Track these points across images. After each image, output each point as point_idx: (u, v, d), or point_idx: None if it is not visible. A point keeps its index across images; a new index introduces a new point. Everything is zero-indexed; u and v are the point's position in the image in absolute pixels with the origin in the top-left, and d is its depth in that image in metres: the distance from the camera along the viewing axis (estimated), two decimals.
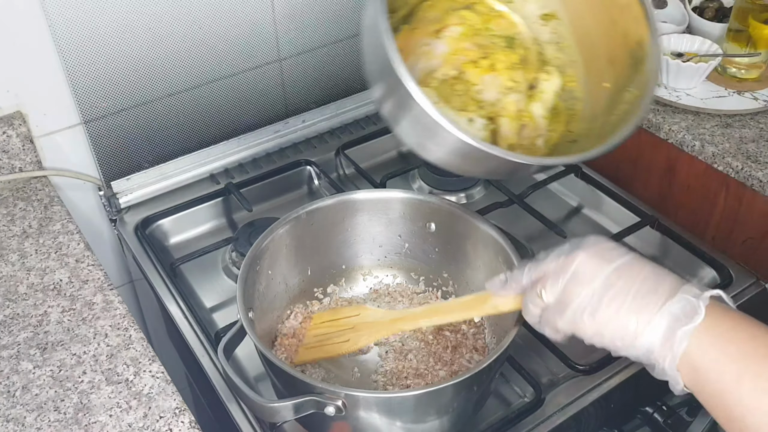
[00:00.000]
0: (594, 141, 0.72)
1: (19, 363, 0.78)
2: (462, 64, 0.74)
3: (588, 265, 0.61)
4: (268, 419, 0.75)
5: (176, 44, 1.08)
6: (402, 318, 0.79)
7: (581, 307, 0.60)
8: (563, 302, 0.61)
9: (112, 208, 1.09)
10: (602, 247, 0.62)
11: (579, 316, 0.60)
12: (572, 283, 0.61)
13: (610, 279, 0.59)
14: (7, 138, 1.01)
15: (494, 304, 0.70)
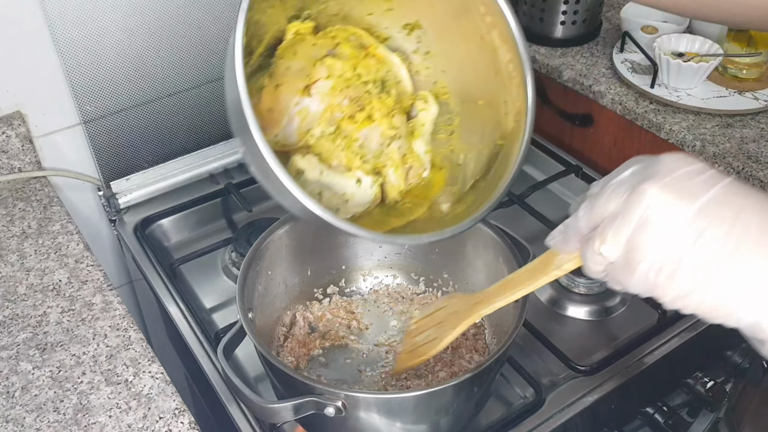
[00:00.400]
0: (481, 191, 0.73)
1: (18, 364, 0.78)
2: (338, 121, 0.70)
3: (661, 205, 0.45)
4: (267, 420, 0.75)
5: (176, 44, 1.07)
6: (480, 302, 0.71)
7: (656, 266, 0.45)
8: (632, 258, 0.46)
9: (112, 209, 1.09)
10: (681, 175, 0.46)
11: (653, 277, 0.46)
12: (640, 233, 0.46)
13: (695, 225, 0.44)
14: (7, 138, 1.01)
15: (558, 264, 0.59)
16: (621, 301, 0.96)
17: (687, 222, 0.44)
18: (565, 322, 0.94)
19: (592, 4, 1.27)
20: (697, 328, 0.90)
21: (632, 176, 0.47)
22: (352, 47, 0.71)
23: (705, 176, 0.45)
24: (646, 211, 0.45)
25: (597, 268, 0.50)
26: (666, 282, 0.45)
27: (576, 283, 0.96)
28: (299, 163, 0.68)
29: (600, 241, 0.48)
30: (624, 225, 0.46)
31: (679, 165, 0.46)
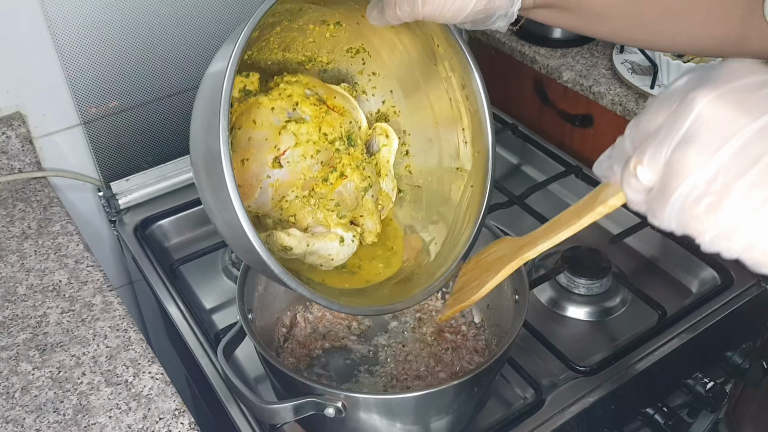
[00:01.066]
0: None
1: (18, 364, 0.78)
2: (312, 185, 0.69)
3: (712, 119, 0.37)
4: (267, 421, 0.75)
5: (176, 45, 1.07)
6: (524, 245, 0.67)
7: (696, 192, 0.37)
8: (668, 183, 0.38)
9: (112, 209, 1.09)
10: (742, 86, 0.37)
11: (692, 206, 0.37)
12: (681, 151, 0.37)
13: (752, 147, 0.36)
14: (7, 139, 1.01)
15: (604, 198, 0.51)
16: (621, 302, 0.96)
17: (743, 142, 0.36)
18: (565, 323, 0.94)
19: None
20: (697, 329, 0.90)
21: (686, 84, 0.39)
22: (311, 104, 0.69)
23: None
24: (693, 125, 0.37)
25: (635, 196, 0.42)
26: (706, 214, 0.37)
27: (576, 283, 0.96)
28: (285, 240, 0.67)
29: (636, 160, 0.40)
30: (666, 141, 0.38)
31: (743, 73, 0.38)
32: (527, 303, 0.74)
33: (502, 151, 1.25)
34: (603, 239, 1.05)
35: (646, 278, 1.00)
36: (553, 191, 1.15)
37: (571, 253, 0.98)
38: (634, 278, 0.98)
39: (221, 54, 0.60)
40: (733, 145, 0.36)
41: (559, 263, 0.97)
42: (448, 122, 0.75)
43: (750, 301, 0.93)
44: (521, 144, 1.22)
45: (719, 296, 0.93)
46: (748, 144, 0.36)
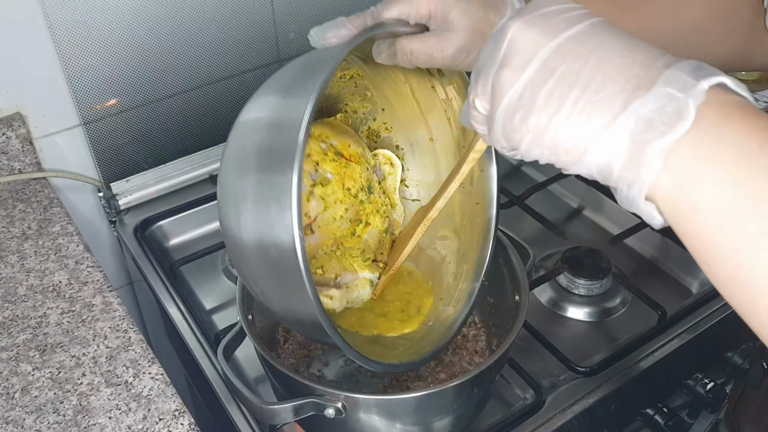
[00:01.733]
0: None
1: (18, 365, 0.78)
2: (342, 242, 0.70)
3: (520, 42, 0.42)
4: (267, 421, 0.75)
5: (176, 45, 1.07)
6: (426, 209, 0.70)
7: (512, 107, 0.42)
8: (494, 105, 0.44)
9: (112, 210, 1.09)
10: (546, 12, 0.43)
11: (509, 119, 0.43)
12: (499, 74, 0.43)
13: (550, 62, 0.41)
14: (7, 139, 1.01)
15: (472, 147, 0.57)
16: (621, 302, 0.96)
17: (544, 59, 0.41)
18: (565, 323, 0.94)
19: None
20: (697, 330, 0.90)
21: (507, 22, 0.44)
22: (331, 161, 0.68)
23: (572, 14, 0.42)
24: (507, 50, 0.42)
25: (481, 128, 0.46)
26: (519, 125, 0.42)
27: (576, 284, 0.96)
28: (329, 305, 0.67)
29: (474, 94, 0.45)
30: (489, 68, 0.43)
31: (547, 3, 0.43)
32: (527, 303, 0.74)
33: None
34: (603, 240, 1.05)
35: (646, 279, 1.00)
36: (553, 191, 1.15)
37: (571, 253, 0.98)
38: (634, 279, 0.98)
39: (268, 104, 0.55)
40: (537, 62, 0.41)
41: (559, 264, 0.97)
42: (443, 138, 0.75)
43: None
44: None
45: (719, 296, 0.92)
46: (547, 60, 0.41)
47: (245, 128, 0.57)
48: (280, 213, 0.50)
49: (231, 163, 0.57)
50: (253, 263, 0.56)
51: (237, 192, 0.55)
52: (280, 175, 0.50)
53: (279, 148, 0.51)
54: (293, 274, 0.51)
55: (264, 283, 0.57)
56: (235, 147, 0.57)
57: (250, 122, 0.57)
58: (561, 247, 1.01)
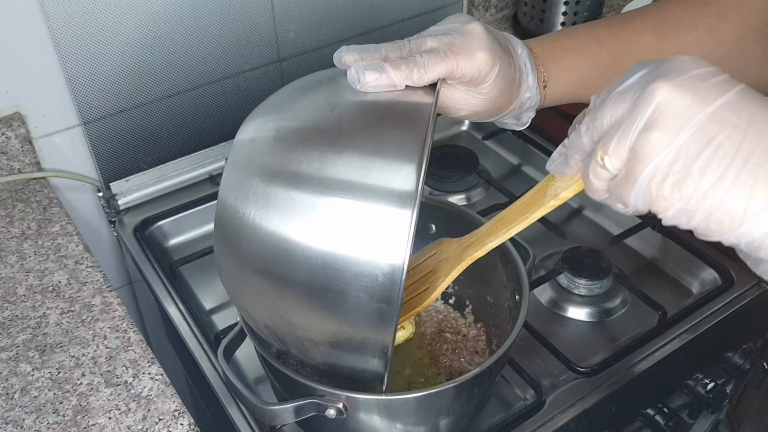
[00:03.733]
0: None
1: (17, 365, 0.78)
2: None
3: (672, 107, 0.41)
4: (268, 422, 0.74)
5: (176, 45, 1.07)
6: (470, 244, 0.67)
7: (661, 173, 0.41)
8: (633, 168, 0.42)
9: (111, 210, 1.09)
10: (694, 76, 0.42)
11: (657, 186, 0.42)
12: (645, 137, 0.41)
13: (706, 130, 0.40)
14: (6, 139, 1.01)
15: (555, 192, 0.54)
16: (621, 303, 0.96)
17: (699, 126, 0.40)
18: (565, 324, 0.94)
19: (592, 4, 1.27)
20: (697, 330, 0.89)
21: (641, 79, 0.43)
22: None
23: (719, 79, 0.42)
24: (655, 113, 0.41)
25: (599, 184, 0.46)
26: (671, 192, 0.41)
27: (576, 284, 0.96)
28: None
29: (602, 151, 0.44)
30: (629, 129, 0.42)
31: (693, 66, 0.42)
32: (527, 303, 0.74)
33: (502, 151, 1.25)
34: (603, 240, 1.05)
35: (647, 279, 1.00)
36: None
37: (571, 253, 0.98)
38: (634, 279, 0.98)
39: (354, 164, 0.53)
40: (692, 128, 0.40)
41: (559, 264, 0.97)
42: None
43: (751, 301, 0.93)
44: (521, 144, 1.22)
45: (720, 297, 0.93)
46: (703, 127, 0.40)
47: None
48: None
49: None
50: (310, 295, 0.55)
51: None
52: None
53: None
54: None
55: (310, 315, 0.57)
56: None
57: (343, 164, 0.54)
58: (561, 247, 1.01)
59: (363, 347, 0.57)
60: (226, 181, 0.58)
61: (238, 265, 0.58)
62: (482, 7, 1.37)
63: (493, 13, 1.40)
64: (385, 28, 1.27)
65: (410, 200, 0.51)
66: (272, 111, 0.61)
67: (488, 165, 1.20)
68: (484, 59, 0.59)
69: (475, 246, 0.66)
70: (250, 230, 0.55)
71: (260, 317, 0.60)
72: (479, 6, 1.37)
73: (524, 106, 0.68)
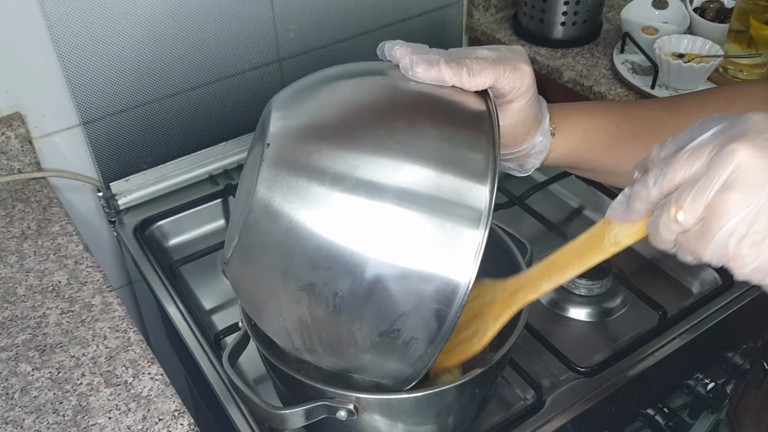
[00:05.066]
0: None
1: (17, 365, 0.78)
2: None
3: (752, 167, 0.42)
4: (278, 427, 0.73)
5: (176, 45, 1.07)
6: (522, 287, 0.67)
7: (739, 232, 0.43)
8: (710, 225, 0.43)
9: (111, 210, 1.09)
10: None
11: (735, 245, 0.43)
12: (724, 197, 0.42)
13: None
14: (6, 139, 1.01)
15: (615, 239, 0.54)
16: (621, 303, 0.96)
17: None
18: (565, 324, 0.94)
19: (592, 4, 1.27)
20: (697, 330, 0.89)
21: (715, 136, 0.44)
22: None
23: None
24: (734, 173, 0.42)
25: (670, 237, 0.46)
26: (750, 251, 0.43)
27: (576, 284, 0.96)
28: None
29: (677, 207, 0.44)
30: (705, 188, 0.43)
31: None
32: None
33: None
34: None
35: (647, 279, 1.00)
36: (554, 191, 1.15)
37: None
38: (634, 279, 0.98)
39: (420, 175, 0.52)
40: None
41: None
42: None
43: (751, 301, 0.93)
44: None
45: (720, 297, 0.93)
46: None
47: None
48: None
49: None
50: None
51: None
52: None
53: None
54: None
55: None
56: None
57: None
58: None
59: (406, 349, 0.56)
60: (269, 176, 0.54)
61: (271, 269, 0.55)
62: (482, 7, 1.37)
63: (493, 13, 1.40)
64: (385, 28, 1.27)
65: (482, 220, 0.55)
66: (316, 99, 0.59)
67: None
68: (527, 71, 0.60)
69: (526, 290, 0.66)
70: (298, 231, 0.52)
71: (288, 319, 0.58)
72: (479, 6, 1.37)
73: (535, 148, 0.68)
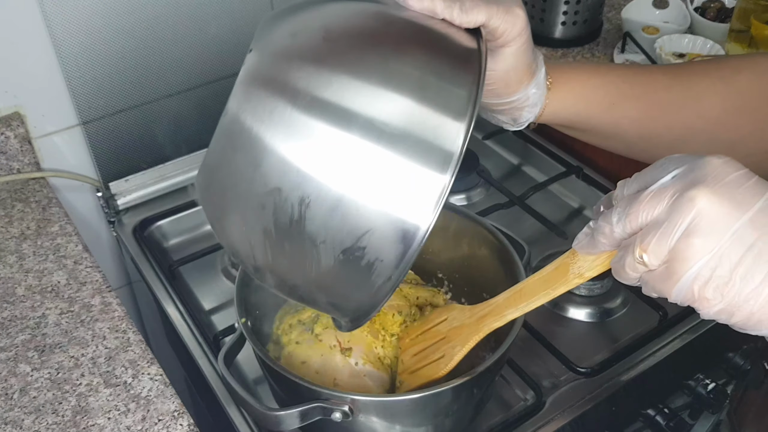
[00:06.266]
0: None
1: (17, 365, 0.77)
2: None
3: (712, 214, 0.43)
4: (273, 428, 0.73)
5: (175, 45, 1.07)
6: (488, 313, 0.68)
7: (702, 276, 0.44)
8: (674, 269, 0.45)
9: (111, 210, 1.09)
10: (730, 182, 0.44)
11: (699, 288, 0.44)
12: (687, 243, 0.43)
13: (745, 236, 0.43)
14: (5, 139, 1.01)
15: (578, 271, 0.56)
16: (622, 303, 0.96)
17: (739, 232, 0.43)
18: (565, 324, 0.94)
19: (592, 4, 1.26)
20: (698, 330, 0.89)
21: (676, 180, 0.45)
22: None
23: (752, 183, 0.44)
24: (695, 220, 0.43)
25: (633, 275, 0.48)
26: (714, 295, 0.44)
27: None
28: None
29: (641, 249, 0.45)
30: (669, 233, 0.44)
31: (728, 170, 0.44)
32: None
33: (502, 151, 1.25)
34: None
35: None
36: (554, 191, 1.15)
37: None
38: None
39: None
40: (732, 235, 0.43)
41: None
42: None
43: None
44: (522, 144, 1.21)
45: None
46: (743, 233, 0.43)
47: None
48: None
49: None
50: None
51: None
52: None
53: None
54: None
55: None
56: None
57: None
58: (561, 247, 1.01)
59: (369, 271, 0.52)
60: (252, 70, 0.53)
61: (238, 173, 0.55)
62: None
63: None
64: None
65: (451, 164, 0.49)
66: (311, 10, 0.56)
67: (488, 165, 1.20)
68: (521, 15, 0.59)
69: (492, 316, 0.67)
70: (256, 145, 0.52)
71: (252, 229, 0.55)
72: None
73: (528, 100, 0.67)
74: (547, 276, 0.60)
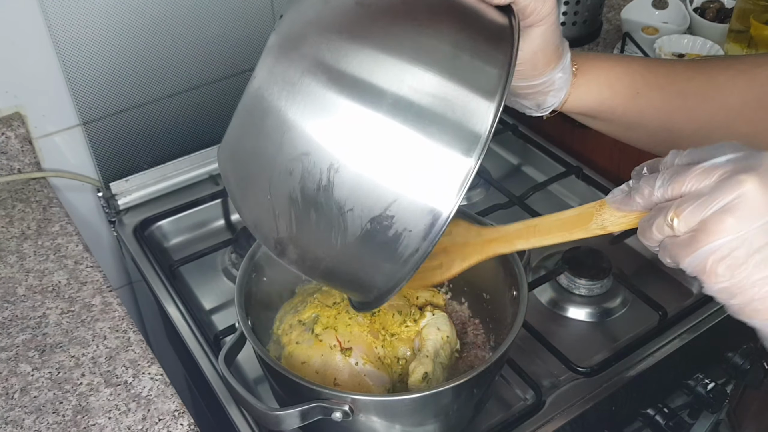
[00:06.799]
0: None
1: (17, 365, 0.78)
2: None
3: (754, 200, 0.44)
4: (273, 428, 0.73)
5: (176, 45, 1.07)
6: (496, 239, 0.66)
7: (719, 252, 0.45)
8: (697, 238, 0.46)
9: (111, 210, 1.09)
10: None
11: (713, 263, 0.46)
12: (719, 218, 0.45)
13: None
14: (6, 139, 1.01)
15: (602, 223, 0.56)
16: (621, 303, 0.96)
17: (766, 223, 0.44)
18: (565, 324, 0.94)
19: (592, 4, 1.26)
20: (697, 330, 0.89)
21: (730, 163, 0.46)
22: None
23: None
24: (736, 200, 0.44)
25: (657, 236, 0.49)
26: (724, 272, 0.45)
27: (576, 284, 0.96)
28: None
29: (674, 213, 0.47)
30: (706, 205, 0.45)
31: None
32: (526, 298, 0.74)
33: (502, 151, 1.25)
34: (604, 240, 1.05)
35: (647, 279, 1.00)
36: (554, 191, 1.15)
37: (571, 253, 0.98)
38: (634, 279, 0.98)
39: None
40: (762, 225, 0.44)
41: (559, 264, 0.97)
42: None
43: None
44: (522, 144, 1.22)
45: None
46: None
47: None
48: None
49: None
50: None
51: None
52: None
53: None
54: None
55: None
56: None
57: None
58: (561, 247, 1.01)
59: (397, 243, 0.52)
60: (270, 61, 0.53)
61: (267, 138, 0.53)
62: None
63: None
64: None
65: (478, 146, 0.50)
66: None
67: (488, 165, 1.20)
68: None
69: (500, 242, 0.66)
70: (283, 114, 0.51)
71: (277, 196, 0.53)
72: None
73: (554, 84, 0.66)
74: (567, 219, 0.59)
